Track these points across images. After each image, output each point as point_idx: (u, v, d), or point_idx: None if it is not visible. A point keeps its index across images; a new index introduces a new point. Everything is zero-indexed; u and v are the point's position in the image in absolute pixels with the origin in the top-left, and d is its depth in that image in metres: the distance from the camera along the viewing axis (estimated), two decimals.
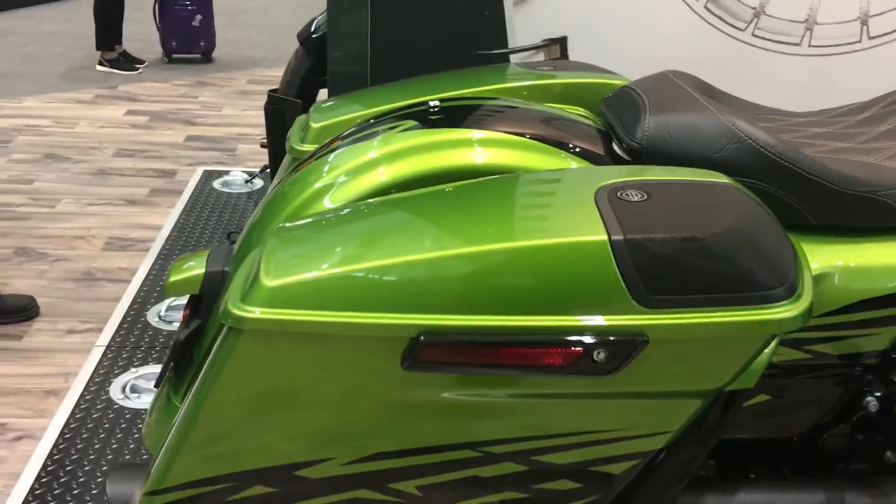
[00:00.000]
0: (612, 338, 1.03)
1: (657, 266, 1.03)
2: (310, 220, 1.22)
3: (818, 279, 1.28)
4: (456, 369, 1.06)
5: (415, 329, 1.03)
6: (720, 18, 2.05)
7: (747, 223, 1.10)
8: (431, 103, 1.43)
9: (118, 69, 5.62)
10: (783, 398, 1.37)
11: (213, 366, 1.10)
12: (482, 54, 1.97)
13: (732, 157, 1.27)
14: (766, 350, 1.11)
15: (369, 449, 1.12)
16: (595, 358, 1.03)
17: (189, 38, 5.89)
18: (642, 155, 1.33)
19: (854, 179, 1.28)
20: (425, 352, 1.03)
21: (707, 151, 1.28)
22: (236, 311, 1.06)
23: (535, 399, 1.09)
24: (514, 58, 2.03)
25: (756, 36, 2.08)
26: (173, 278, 1.39)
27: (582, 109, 1.60)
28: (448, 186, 1.22)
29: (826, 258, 1.29)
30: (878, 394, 1.41)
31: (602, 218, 1.06)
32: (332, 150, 1.40)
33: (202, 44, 5.92)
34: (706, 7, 2.05)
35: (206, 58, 5.94)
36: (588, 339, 1.02)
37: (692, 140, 1.29)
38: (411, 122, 1.39)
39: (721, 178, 1.19)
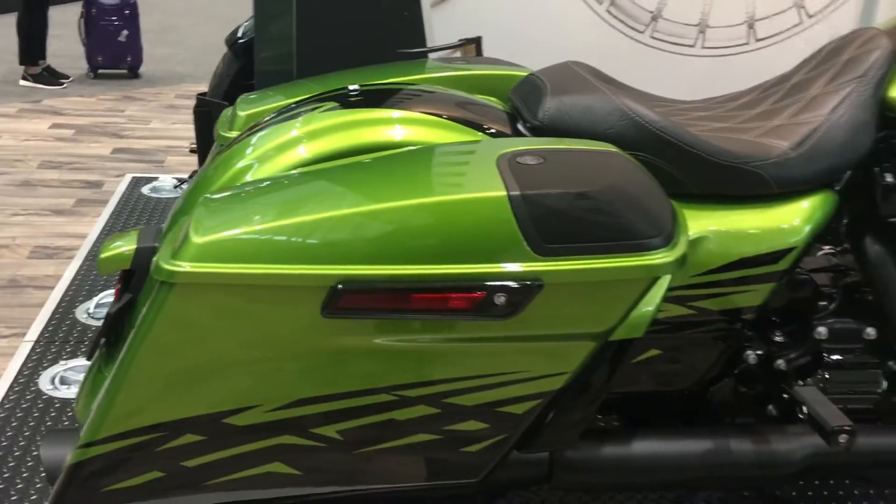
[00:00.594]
0: (511, 283, 1.15)
1: (551, 218, 1.16)
2: (235, 189, 1.31)
3: (699, 241, 1.43)
4: (371, 315, 1.16)
5: (332, 279, 1.13)
6: (621, 21, 2.21)
7: (629, 183, 1.24)
8: (351, 87, 1.54)
9: (42, 84, 5.57)
10: (673, 353, 1.50)
11: (145, 320, 1.18)
12: (403, 53, 2.09)
13: (622, 133, 1.41)
14: (649, 298, 1.25)
15: (292, 395, 1.21)
16: (496, 301, 1.15)
17: (115, 53, 5.88)
18: (544, 132, 1.46)
19: (729, 153, 1.43)
20: (343, 299, 1.14)
21: (600, 128, 1.42)
22: (167, 266, 1.14)
23: (445, 344, 1.20)
24: (432, 56, 2.16)
25: (654, 38, 2.25)
26: (105, 255, 1.45)
27: (493, 98, 1.73)
28: (365, 157, 1.33)
29: (705, 222, 1.44)
30: (757, 348, 1.57)
31: (502, 178, 1.18)
32: (256, 132, 1.50)
33: (129, 59, 5.91)
34: (608, 11, 2.21)
35: (133, 73, 5.93)
36: (489, 285, 1.15)
37: (587, 118, 1.43)
38: (332, 104, 1.49)
39: (609, 148, 1.33)
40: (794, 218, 1.46)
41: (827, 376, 1.62)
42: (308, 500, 1.30)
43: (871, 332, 1.62)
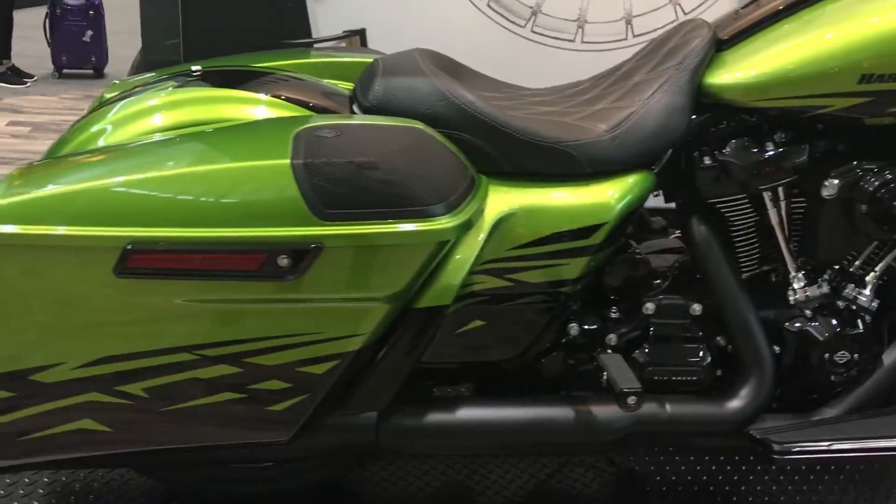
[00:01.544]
0: (292, 246, 1.23)
1: (332, 185, 1.24)
2: (47, 160, 1.39)
3: (514, 215, 1.51)
4: (162, 276, 1.24)
5: (123, 240, 1.21)
6: (502, 16, 2.29)
7: (418, 154, 1.33)
8: (193, 68, 1.62)
9: (6, 83, 5.66)
10: (497, 324, 1.57)
11: None
12: (287, 43, 2.17)
13: (440, 112, 1.49)
14: (453, 267, 1.33)
15: (95, 353, 1.29)
16: (279, 263, 1.23)
17: (80, 53, 5.97)
18: (372, 112, 1.54)
19: (542, 134, 1.51)
20: (133, 260, 1.22)
21: (420, 107, 1.50)
22: None
23: (238, 305, 1.28)
24: (317, 47, 2.24)
25: (535, 32, 2.33)
26: None
27: (349, 84, 1.81)
28: (181, 131, 1.41)
29: (520, 198, 1.51)
30: (586, 322, 1.64)
31: (292, 148, 1.27)
32: (101, 109, 1.58)
33: (93, 59, 6.00)
34: (489, 5, 2.29)
35: (98, 73, 6.01)
36: (272, 247, 1.23)
37: (409, 99, 1.51)
38: (171, 83, 1.58)
39: (416, 125, 1.41)
40: (606, 196, 1.53)
41: (655, 350, 1.70)
42: (125, 459, 1.38)
43: (697, 308, 1.70)
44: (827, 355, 1.68)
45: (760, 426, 1.67)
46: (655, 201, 1.71)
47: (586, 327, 1.65)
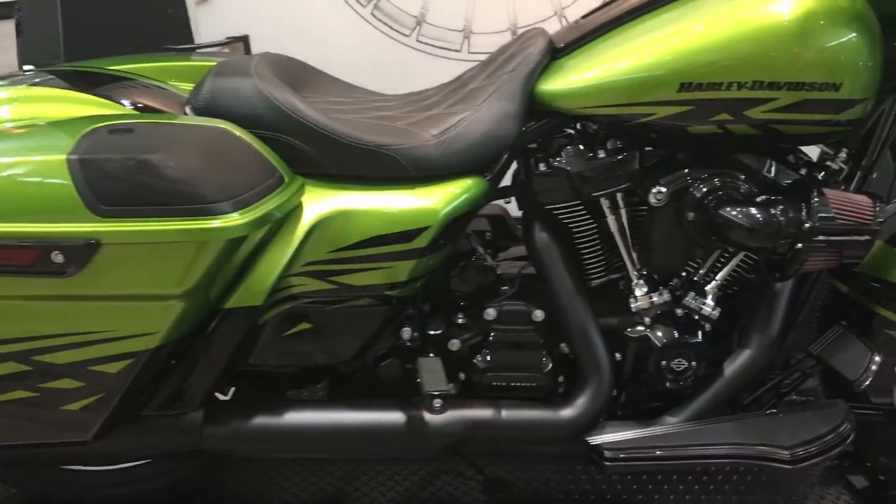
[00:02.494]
0: (67, 242, 1.23)
1: (108, 180, 1.25)
2: None
3: (336, 217, 1.51)
4: None
5: None
6: (386, 25, 2.31)
7: (210, 153, 1.33)
8: (25, 68, 1.63)
9: None
10: (325, 327, 1.58)
11: None
12: (169, 49, 2.18)
13: (261, 114, 1.50)
14: (265, 268, 1.33)
15: None
16: (53, 259, 1.23)
17: None
18: (201, 114, 1.55)
19: (363, 137, 1.52)
20: None
21: (243, 109, 1.51)
22: None
23: (21, 301, 1.28)
24: (199, 52, 2.25)
25: (420, 42, 2.34)
26: None
27: None
28: None
29: (342, 200, 1.52)
30: (414, 325, 1.64)
31: (76, 144, 1.27)
32: None
33: None
34: (373, 14, 2.31)
35: None
36: (46, 242, 1.23)
37: (233, 100, 1.52)
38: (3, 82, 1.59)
39: (222, 125, 1.41)
40: (430, 200, 1.53)
41: (495, 356, 1.70)
42: None
43: (539, 314, 1.71)
44: (664, 363, 1.69)
45: (600, 433, 1.68)
46: None
47: (428, 332, 1.66)
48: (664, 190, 1.60)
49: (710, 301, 1.70)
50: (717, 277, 1.70)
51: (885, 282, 1.83)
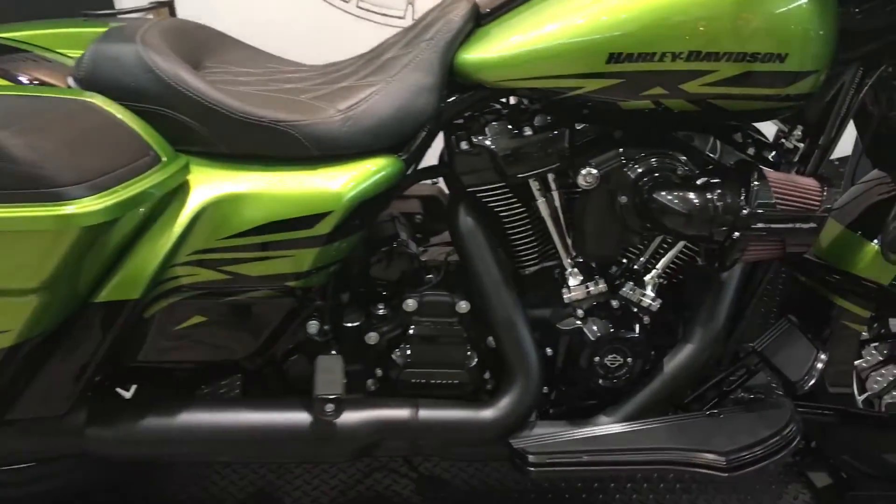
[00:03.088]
0: None
1: None
2: None
3: (226, 201, 1.36)
4: None
5: None
6: None
7: (67, 130, 1.19)
8: None
9: None
10: (222, 321, 1.44)
11: None
12: (87, 14, 2.02)
13: (143, 85, 1.35)
14: (142, 257, 1.20)
15: None
16: None
17: None
18: (84, 84, 1.40)
19: (257, 112, 1.36)
20: None
21: (125, 80, 1.35)
22: None
23: None
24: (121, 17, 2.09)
25: (361, 8, 2.19)
26: None
27: None
28: None
29: (235, 183, 1.37)
30: (323, 318, 1.51)
31: None
32: None
33: None
34: None
35: None
36: None
37: (114, 70, 1.36)
38: None
39: (91, 99, 1.27)
40: (333, 182, 1.39)
41: (415, 350, 1.57)
42: None
43: (463, 305, 1.57)
44: (597, 359, 1.55)
45: (525, 435, 1.55)
46: None
47: (345, 324, 1.53)
48: (595, 171, 1.45)
49: (649, 292, 1.56)
50: (657, 266, 1.56)
51: (844, 273, 1.70)
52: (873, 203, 1.75)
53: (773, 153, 1.54)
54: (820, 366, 1.47)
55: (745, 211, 1.36)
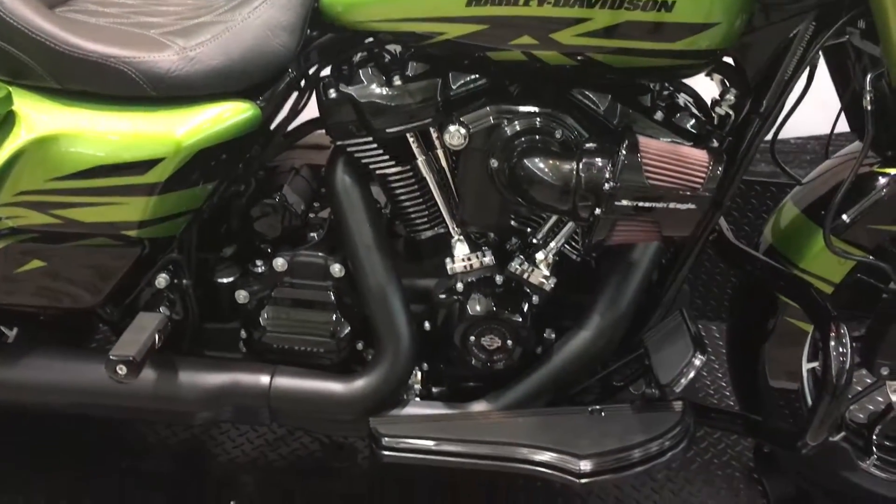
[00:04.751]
0: None
1: None
2: None
3: (53, 139, 1.27)
4: None
5: None
6: None
7: None
8: None
9: None
10: (60, 267, 1.36)
11: None
12: None
13: None
14: None
15: None
16: None
17: None
18: None
19: (88, 46, 1.26)
20: None
21: None
22: None
23: None
24: None
25: None
26: None
27: None
28: None
29: (64, 120, 1.27)
30: (173, 272, 1.42)
31: None
32: None
33: None
34: None
35: None
36: None
37: None
38: None
39: None
40: (172, 127, 1.27)
41: (280, 313, 1.46)
42: None
43: (337, 269, 1.44)
44: (472, 338, 1.40)
45: (388, 416, 1.42)
46: None
47: (217, 280, 1.45)
48: (462, 130, 1.28)
49: (542, 269, 1.39)
50: (552, 242, 1.39)
51: (791, 264, 1.47)
52: (839, 182, 1.49)
53: (693, 121, 1.33)
54: (692, 371, 1.26)
55: (607, 185, 1.16)
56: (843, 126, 1.61)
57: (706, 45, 1.17)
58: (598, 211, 1.17)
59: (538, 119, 1.27)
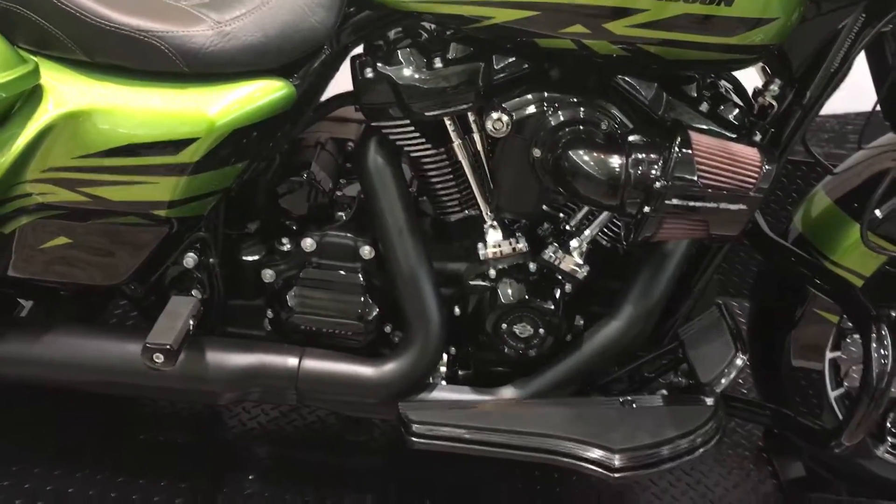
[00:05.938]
0: None
1: None
2: None
3: (83, 115, 1.23)
4: None
5: None
6: None
7: None
8: None
9: None
10: (86, 244, 1.33)
11: None
12: None
13: None
14: None
15: None
16: None
17: None
18: None
19: (119, 19, 1.21)
20: None
21: None
22: None
23: None
24: None
25: None
26: None
27: None
28: None
29: (95, 95, 1.23)
30: (201, 251, 1.39)
31: None
32: None
33: None
34: None
35: None
36: None
37: None
38: None
39: None
40: (206, 105, 1.23)
41: (308, 294, 1.44)
42: None
43: (367, 250, 1.42)
44: (504, 325, 1.39)
45: (423, 398, 1.41)
46: None
47: (243, 258, 1.43)
48: (505, 118, 1.25)
49: (575, 257, 1.37)
50: (586, 231, 1.36)
51: (822, 256, 1.46)
52: (873, 175, 1.48)
53: (736, 112, 1.30)
54: (734, 371, 1.26)
55: (658, 184, 1.14)
56: (862, 106, 1.59)
57: (760, 39, 1.14)
58: (647, 209, 1.15)
59: (583, 108, 1.24)
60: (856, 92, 1.46)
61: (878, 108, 1.47)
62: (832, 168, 1.57)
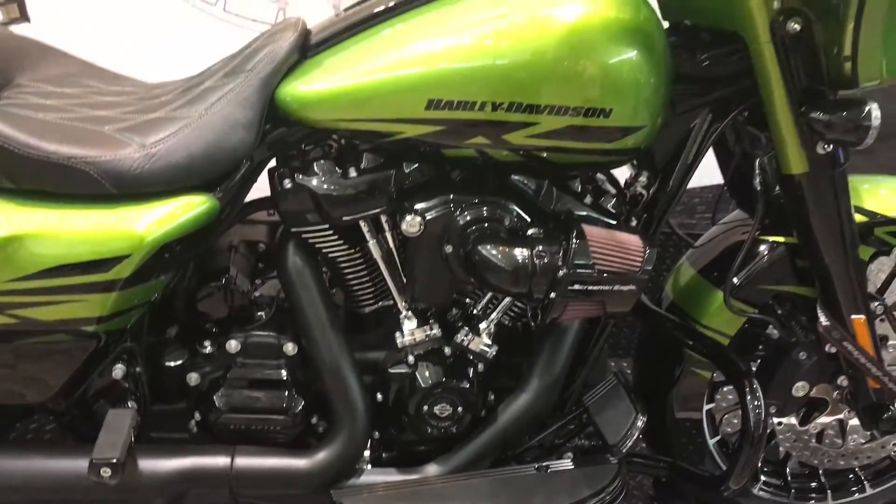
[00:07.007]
0: None
1: None
2: None
3: (15, 241, 1.26)
4: None
5: None
6: None
7: None
8: None
9: None
10: (16, 364, 1.35)
11: None
12: None
13: None
14: None
15: None
16: None
17: None
18: None
19: (44, 147, 1.26)
20: None
21: None
22: None
23: None
24: None
25: (228, 12, 2.08)
26: None
27: None
28: None
29: (22, 221, 1.27)
30: (128, 361, 1.43)
31: None
32: None
33: None
34: None
35: None
36: None
37: None
38: None
39: None
40: (135, 223, 1.30)
41: (235, 394, 1.50)
42: None
43: (290, 347, 1.50)
44: (426, 407, 1.50)
45: (353, 484, 1.49)
46: None
47: (166, 363, 1.47)
48: (418, 219, 1.39)
49: (484, 338, 1.51)
50: (493, 314, 1.50)
51: (693, 320, 1.66)
52: (728, 247, 1.71)
53: (613, 201, 1.49)
54: (636, 432, 1.43)
55: (561, 272, 1.30)
56: (705, 181, 1.84)
57: (633, 143, 1.34)
58: (552, 294, 1.30)
59: (486, 207, 1.39)
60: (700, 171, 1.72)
61: (726, 188, 1.71)
62: (692, 242, 1.79)
